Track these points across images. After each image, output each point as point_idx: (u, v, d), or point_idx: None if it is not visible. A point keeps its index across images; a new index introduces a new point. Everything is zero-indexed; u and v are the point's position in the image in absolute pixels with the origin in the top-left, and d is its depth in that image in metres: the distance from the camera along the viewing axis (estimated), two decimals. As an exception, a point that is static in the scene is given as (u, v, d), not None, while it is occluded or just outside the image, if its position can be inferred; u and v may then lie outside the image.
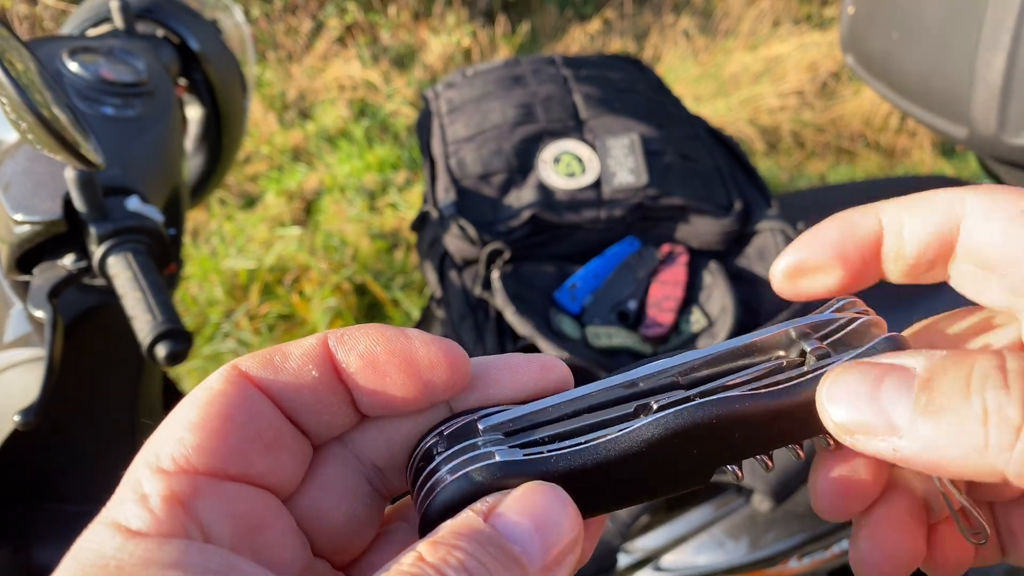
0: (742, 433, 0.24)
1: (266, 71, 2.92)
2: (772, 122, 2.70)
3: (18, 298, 0.66)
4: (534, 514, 0.20)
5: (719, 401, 0.23)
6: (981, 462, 0.19)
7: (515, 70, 1.01)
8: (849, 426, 0.22)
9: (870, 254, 0.26)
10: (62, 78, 0.69)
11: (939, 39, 0.87)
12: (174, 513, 0.19)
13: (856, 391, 0.22)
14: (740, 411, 0.23)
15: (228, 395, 0.21)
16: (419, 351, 0.22)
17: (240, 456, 0.20)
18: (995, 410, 0.19)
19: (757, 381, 0.24)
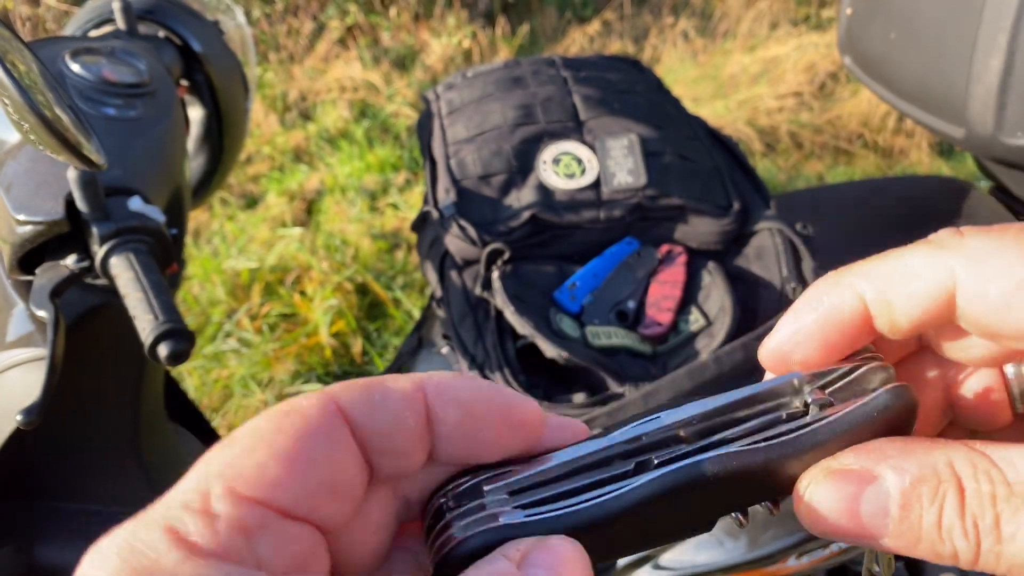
0: (740, 486, 0.24)
1: (267, 72, 2.93)
2: (770, 123, 2.70)
3: (20, 298, 0.66)
4: (559, 569, 0.20)
5: (716, 458, 0.23)
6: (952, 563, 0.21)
7: (515, 71, 1.01)
8: (833, 536, 0.23)
9: (859, 335, 0.24)
10: (64, 79, 0.69)
11: (936, 40, 0.88)
12: (238, 542, 0.18)
13: (834, 509, 0.22)
14: (737, 467, 0.23)
15: (321, 433, 0.20)
16: (515, 409, 0.23)
17: (313, 500, 0.20)
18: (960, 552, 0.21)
19: (758, 433, 0.24)
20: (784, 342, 0.25)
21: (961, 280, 0.22)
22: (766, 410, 0.25)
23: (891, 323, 0.24)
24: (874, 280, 0.23)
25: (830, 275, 0.25)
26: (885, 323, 0.24)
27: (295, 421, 0.20)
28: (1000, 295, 0.21)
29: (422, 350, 1.07)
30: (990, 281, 0.21)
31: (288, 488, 0.19)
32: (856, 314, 0.24)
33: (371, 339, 1.89)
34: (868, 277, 0.24)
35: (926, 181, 1.18)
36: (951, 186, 1.09)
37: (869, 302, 0.24)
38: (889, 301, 0.23)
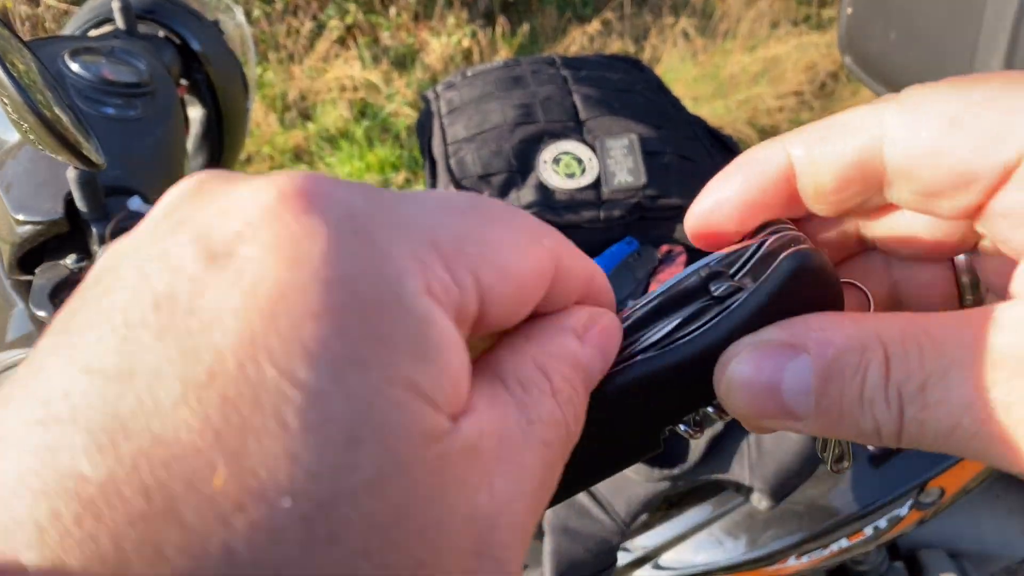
0: (673, 391, 0.22)
1: (267, 72, 2.93)
2: (771, 122, 2.70)
3: (20, 298, 0.66)
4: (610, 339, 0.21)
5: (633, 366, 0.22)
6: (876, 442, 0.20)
7: (515, 71, 1.01)
8: (753, 417, 0.21)
9: (785, 194, 0.22)
10: (64, 79, 0.69)
11: (937, 40, 0.88)
12: None
13: (756, 385, 0.21)
14: (651, 373, 0.22)
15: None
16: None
17: None
18: (882, 424, 0.19)
19: (672, 335, 0.22)
20: (707, 208, 0.23)
21: (890, 128, 0.20)
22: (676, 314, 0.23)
23: (816, 185, 0.22)
24: (805, 137, 0.22)
25: (762, 143, 0.23)
26: (810, 184, 0.22)
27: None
28: (931, 137, 0.19)
29: (422, 350, 1.07)
30: (921, 124, 0.19)
31: None
32: (781, 173, 0.22)
33: (371, 339, 1.89)
34: (800, 135, 0.22)
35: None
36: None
37: (795, 159, 0.22)
38: (815, 158, 0.21)
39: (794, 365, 0.20)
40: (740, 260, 0.23)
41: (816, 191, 0.22)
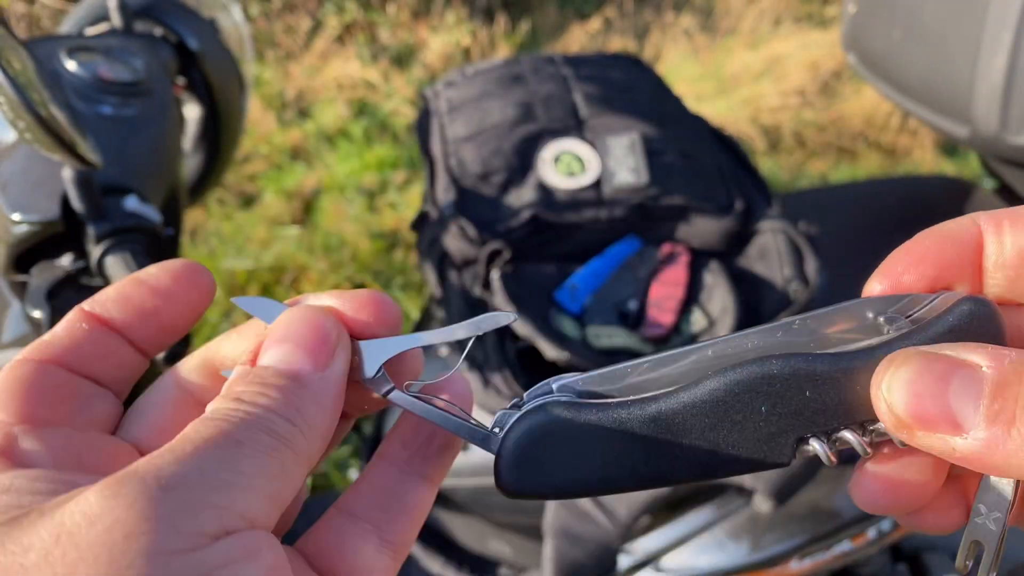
0: (812, 394, 0.23)
1: (265, 70, 2.92)
2: (773, 121, 2.70)
3: (16, 298, 0.65)
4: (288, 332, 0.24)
5: (785, 356, 0.23)
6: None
7: (515, 69, 1.01)
8: (909, 418, 0.21)
9: (969, 260, 0.24)
10: (60, 77, 0.68)
11: (941, 38, 0.87)
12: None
13: (921, 383, 0.21)
14: (807, 369, 0.23)
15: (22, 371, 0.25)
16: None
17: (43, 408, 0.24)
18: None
19: (828, 347, 0.24)
20: (898, 259, 0.25)
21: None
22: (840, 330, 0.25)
23: (998, 255, 0.24)
24: (994, 214, 0.24)
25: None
26: (993, 253, 0.24)
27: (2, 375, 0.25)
28: None
29: (422, 350, 1.06)
30: None
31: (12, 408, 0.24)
32: (969, 237, 0.24)
33: (370, 338, 1.89)
34: (989, 213, 0.24)
35: (930, 180, 1.17)
36: (955, 185, 1.09)
37: (984, 228, 0.24)
38: (1001, 226, 0.24)
39: (963, 373, 0.20)
40: (918, 305, 0.24)
41: (996, 260, 0.24)
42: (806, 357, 0.23)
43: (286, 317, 0.25)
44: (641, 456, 0.24)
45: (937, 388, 0.20)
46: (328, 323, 0.25)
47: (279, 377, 0.23)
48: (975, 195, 1.05)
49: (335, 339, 0.25)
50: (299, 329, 0.24)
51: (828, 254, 0.86)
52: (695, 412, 0.23)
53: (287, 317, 0.25)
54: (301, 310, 0.25)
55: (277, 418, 0.22)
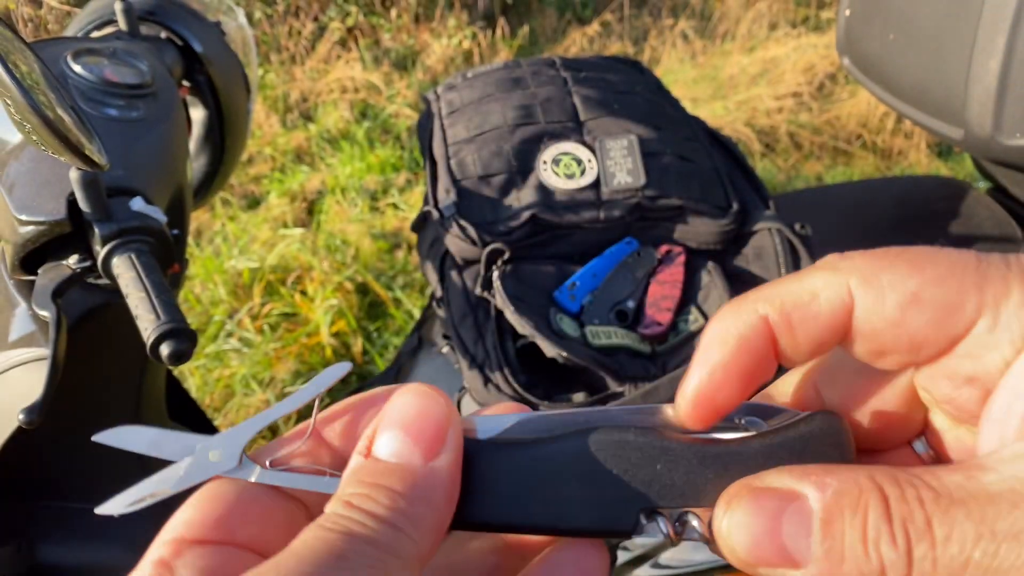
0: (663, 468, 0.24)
1: (269, 73, 2.93)
2: (769, 123, 2.70)
3: (22, 298, 0.66)
4: (401, 419, 0.23)
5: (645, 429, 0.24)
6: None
7: (515, 72, 1.02)
8: (750, 559, 0.21)
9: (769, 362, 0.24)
10: (66, 80, 0.69)
11: (935, 41, 0.88)
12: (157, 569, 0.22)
13: (756, 525, 0.21)
14: (661, 445, 0.24)
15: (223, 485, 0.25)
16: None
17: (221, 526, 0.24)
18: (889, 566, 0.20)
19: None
20: (704, 386, 0.24)
21: (857, 296, 0.22)
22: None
23: (794, 346, 0.24)
24: (776, 303, 0.24)
25: (729, 306, 0.25)
26: (788, 345, 0.24)
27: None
28: (895, 307, 0.22)
29: (422, 350, 1.07)
30: (885, 295, 0.22)
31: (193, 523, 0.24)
32: (764, 340, 0.24)
33: (371, 339, 1.89)
34: (770, 301, 0.24)
35: (924, 182, 1.18)
36: (949, 187, 1.10)
37: (773, 323, 0.24)
38: (791, 323, 0.23)
39: (793, 509, 0.21)
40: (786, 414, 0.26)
41: (793, 350, 0.24)
42: (662, 434, 0.24)
43: (400, 397, 0.24)
44: (503, 498, 0.24)
45: (771, 528, 0.21)
46: (440, 408, 0.24)
47: (389, 476, 0.22)
48: (970, 196, 1.05)
49: (447, 424, 0.24)
50: (411, 414, 0.24)
51: (823, 254, 0.87)
52: (555, 464, 0.24)
53: (401, 398, 0.24)
54: (415, 391, 0.24)
55: (383, 527, 0.21)
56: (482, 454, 0.25)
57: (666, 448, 0.24)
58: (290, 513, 0.25)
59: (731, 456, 0.24)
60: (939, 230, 1.01)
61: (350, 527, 0.21)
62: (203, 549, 0.23)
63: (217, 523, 0.23)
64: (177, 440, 0.26)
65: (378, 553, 0.21)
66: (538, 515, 0.24)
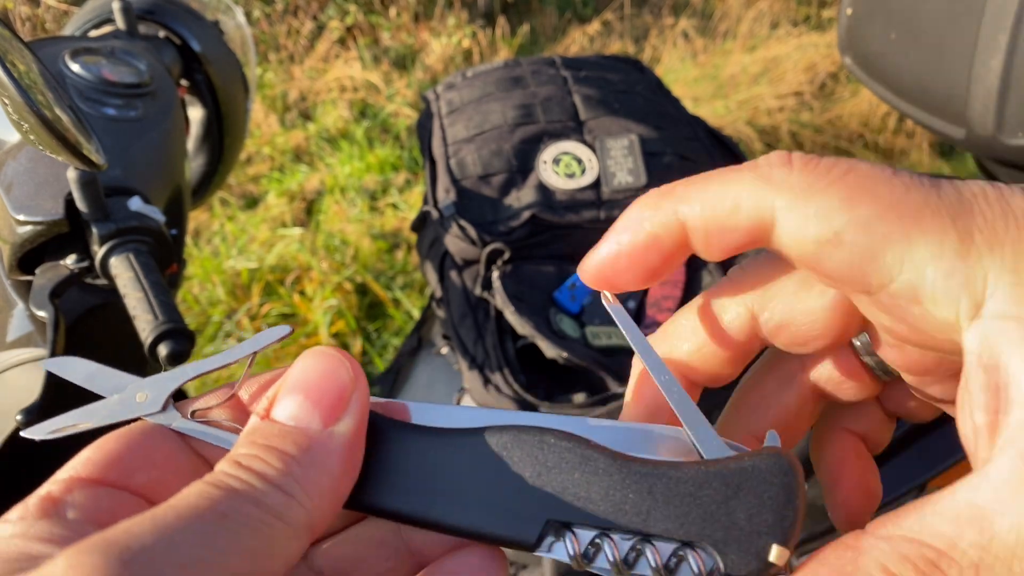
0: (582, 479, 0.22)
1: (267, 72, 2.93)
2: (771, 123, 2.70)
3: (20, 298, 0.66)
4: (303, 382, 0.23)
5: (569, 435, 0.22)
6: None
7: (515, 71, 1.01)
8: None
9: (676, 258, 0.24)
10: (64, 79, 0.69)
11: (937, 40, 0.88)
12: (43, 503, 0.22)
13: None
14: (584, 453, 0.22)
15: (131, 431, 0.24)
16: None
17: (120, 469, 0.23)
18: None
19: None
20: (604, 264, 0.24)
21: (780, 220, 0.21)
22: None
23: (706, 249, 0.23)
24: (695, 205, 0.23)
25: (652, 194, 0.24)
26: (701, 248, 0.23)
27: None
28: (815, 244, 0.21)
29: (422, 350, 1.07)
30: (808, 226, 0.21)
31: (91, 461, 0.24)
32: (675, 239, 0.23)
33: (371, 339, 1.89)
34: (690, 202, 0.23)
35: (926, 181, 1.17)
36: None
37: (689, 228, 0.23)
38: (708, 232, 0.23)
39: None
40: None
41: (706, 252, 0.23)
42: (589, 444, 0.22)
43: (304, 360, 0.23)
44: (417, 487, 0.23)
45: None
46: (343, 371, 0.23)
47: (283, 439, 0.22)
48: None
49: (350, 389, 0.23)
50: (312, 378, 0.23)
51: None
52: (465, 457, 0.23)
53: (304, 360, 0.23)
54: (319, 354, 0.23)
55: (271, 489, 0.20)
56: (393, 434, 0.23)
57: (588, 457, 0.22)
58: (196, 469, 0.25)
59: (659, 478, 0.22)
60: (940, 230, 1.01)
61: (235, 486, 0.20)
62: (95, 490, 0.23)
63: (116, 465, 0.23)
64: (113, 377, 0.26)
65: (262, 515, 0.20)
66: (439, 510, 0.23)
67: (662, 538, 0.21)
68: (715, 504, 0.21)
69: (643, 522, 0.21)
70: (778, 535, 0.21)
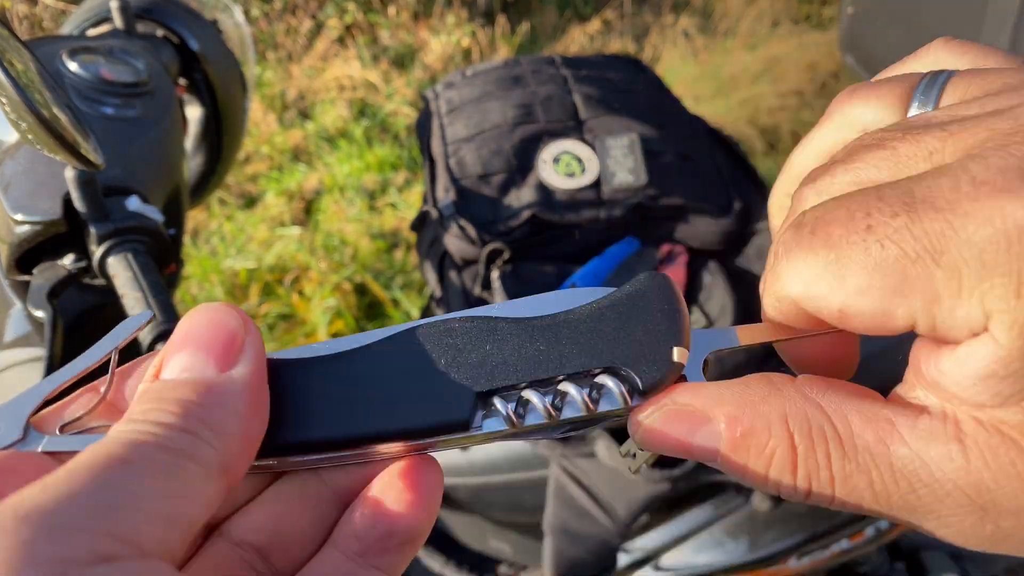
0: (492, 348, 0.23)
1: (266, 71, 2.92)
2: (771, 122, 2.70)
3: (18, 298, 0.66)
4: (188, 336, 0.22)
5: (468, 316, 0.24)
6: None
7: (515, 70, 1.01)
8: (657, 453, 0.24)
9: None
10: (62, 78, 0.69)
11: (938, 39, 0.87)
12: None
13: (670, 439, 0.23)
14: (487, 326, 0.23)
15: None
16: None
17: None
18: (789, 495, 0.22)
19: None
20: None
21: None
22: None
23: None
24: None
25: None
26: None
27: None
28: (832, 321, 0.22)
29: (422, 350, 1.07)
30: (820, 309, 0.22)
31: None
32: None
33: (370, 339, 1.89)
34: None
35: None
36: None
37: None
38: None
39: (704, 431, 0.22)
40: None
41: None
42: (489, 318, 0.24)
43: (187, 319, 0.23)
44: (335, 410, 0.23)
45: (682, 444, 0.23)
46: (230, 318, 0.23)
47: (178, 389, 0.21)
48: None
49: (241, 334, 0.23)
50: (198, 330, 0.22)
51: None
52: (376, 365, 0.23)
53: (187, 319, 0.23)
54: (201, 309, 0.23)
55: (174, 433, 0.20)
56: (297, 371, 0.23)
57: (493, 328, 0.23)
58: None
59: (561, 325, 0.23)
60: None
61: (133, 438, 0.19)
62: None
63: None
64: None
65: (170, 458, 0.19)
66: (364, 422, 0.23)
67: (579, 375, 0.23)
68: (615, 330, 0.23)
69: (559, 367, 0.23)
70: (674, 338, 0.24)
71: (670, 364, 0.23)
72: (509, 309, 0.24)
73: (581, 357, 0.23)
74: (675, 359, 0.23)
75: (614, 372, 0.23)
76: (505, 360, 0.23)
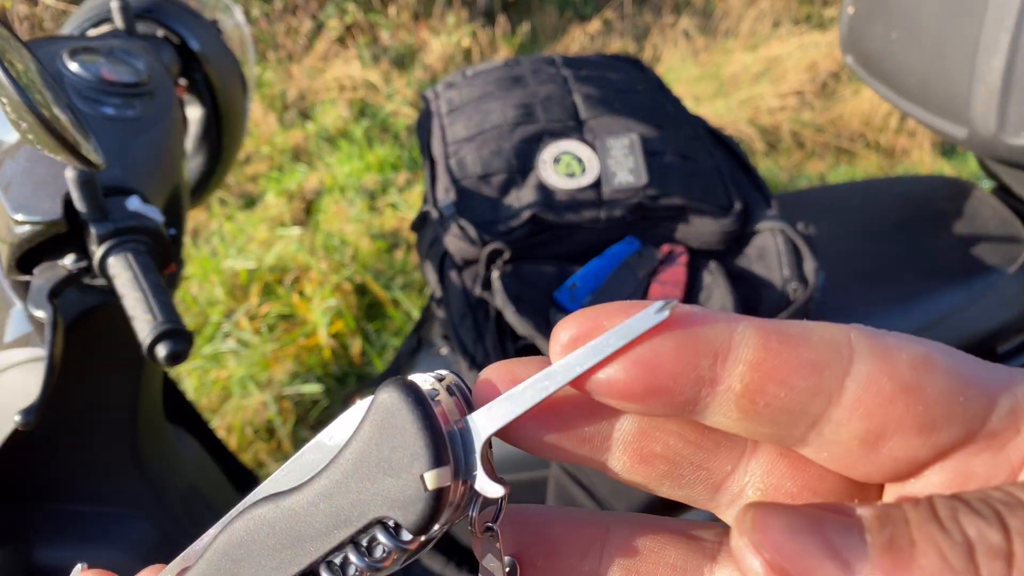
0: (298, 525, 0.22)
1: (266, 71, 2.92)
2: (772, 122, 2.70)
3: (18, 298, 0.66)
4: None
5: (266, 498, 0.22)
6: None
7: (515, 70, 1.01)
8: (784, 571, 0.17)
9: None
10: (62, 78, 0.69)
11: (939, 40, 0.87)
12: None
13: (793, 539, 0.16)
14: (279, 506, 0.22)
15: None
16: None
17: None
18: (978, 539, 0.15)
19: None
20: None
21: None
22: None
23: None
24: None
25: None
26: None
27: None
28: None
29: (422, 350, 1.07)
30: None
31: None
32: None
33: (370, 340, 1.89)
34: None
35: (928, 181, 1.17)
36: (953, 186, 1.09)
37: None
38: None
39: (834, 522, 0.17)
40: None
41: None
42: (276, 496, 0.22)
43: None
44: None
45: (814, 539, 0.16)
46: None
47: None
48: (973, 195, 1.05)
49: None
50: None
51: (827, 254, 0.87)
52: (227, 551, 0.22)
53: None
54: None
55: None
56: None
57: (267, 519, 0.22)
58: None
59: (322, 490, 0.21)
60: (943, 230, 1.01)
61: None
62: None
63: None
64: None
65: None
66: None
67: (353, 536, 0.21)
68: (371, 469, 0.21)
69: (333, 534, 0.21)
70: (424, 461, 0.20)
71: (427, 494, 0.20)
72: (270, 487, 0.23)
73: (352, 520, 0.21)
74: (429, 487, 0.20)
75: (382, 523, 0.21)
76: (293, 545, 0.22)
